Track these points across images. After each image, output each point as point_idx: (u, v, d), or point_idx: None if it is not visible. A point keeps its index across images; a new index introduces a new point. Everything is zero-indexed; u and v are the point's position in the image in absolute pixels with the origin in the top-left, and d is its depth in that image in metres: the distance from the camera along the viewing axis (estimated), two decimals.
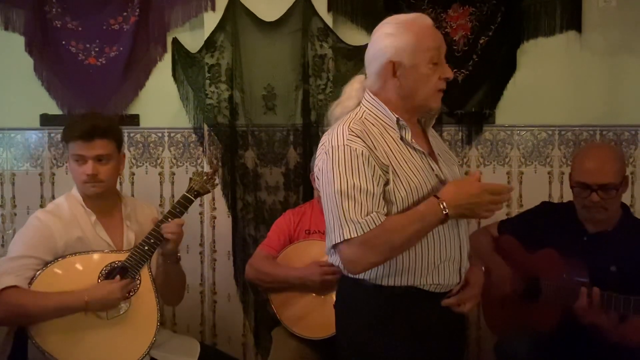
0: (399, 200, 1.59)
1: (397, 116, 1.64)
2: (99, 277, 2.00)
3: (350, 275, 1.68)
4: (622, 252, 2.15)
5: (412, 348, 1.65)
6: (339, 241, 1.57)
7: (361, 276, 1.66)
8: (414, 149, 1.65)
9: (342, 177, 1.56)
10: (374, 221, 1.54)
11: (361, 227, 1.54)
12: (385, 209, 1.58)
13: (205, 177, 2.21)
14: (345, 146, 1.58)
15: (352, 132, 1.60)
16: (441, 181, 1.65)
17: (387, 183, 1.59)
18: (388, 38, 1.65)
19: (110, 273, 2.01)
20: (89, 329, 1.95)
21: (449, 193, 1.57)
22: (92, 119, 2.08)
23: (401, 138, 1.64)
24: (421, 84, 1.64)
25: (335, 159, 1.58)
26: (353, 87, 1.75)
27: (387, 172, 1.59)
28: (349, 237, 1.55)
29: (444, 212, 1.55)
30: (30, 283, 1.96)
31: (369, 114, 1.67)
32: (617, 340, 2.01)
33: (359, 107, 1.70)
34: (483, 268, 1.83)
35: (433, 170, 1.65)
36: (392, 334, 1.65)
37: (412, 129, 1.69)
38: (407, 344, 1.65)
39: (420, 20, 1.67)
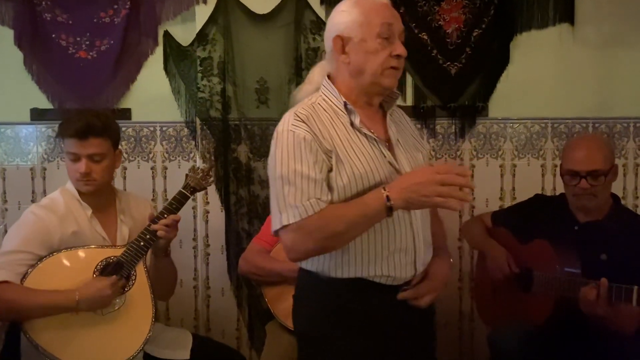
0: (340, 187, 1.55)
1: (344, 100, 1.61)
2: (94, 272, 1.99)
3: (304, 266, 1.67)
4: (612, 241, 2.19)
5: (365, 342, 1.61)
6: (278, 227, 1.55)
7: (312, 267, 1.64)
8: (365, 135, 1.60)
9: (283, 163, 1.55)
10: (312, 207, 1.51)
11: (298, 212, 1.51)
12: (328, 196, 1.54)
13: (201, 174, 2.20)
14: (289, 132, 1.56)
15: (297, 117, 1.57)
16: (396, 169, 1.60)
17: (331, 169, 1.56)
18: (339, 15, 1.65)
19: (105, 268, 2.00)
20: (84, 324, 1.94)
21: (396, 180, 1.52)
22: (88, 117, 2.06)
23: (351, 124, 1.60)
24: (369, 58, 1.60)
25: (279, 145, 1.57)
26: (315, 72, 1.74)
27: (331, 158, 1.55)
28: (286, 222, 1.53)
29: (385, 195, 1.47)
30: (23, 278, 1.95)
31: (323, 99, 1.64)
32: (614, 328, 2.03)
33: (317, 92, 1.68)
34: (476, 255, 1.81)
35: (385, 157, 1.60)
36: (344, 326, 1.62)
37: (370, 114, 1.66)
38: (359, 337, 1.61)
39: None
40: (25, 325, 1.92)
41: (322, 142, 1.55)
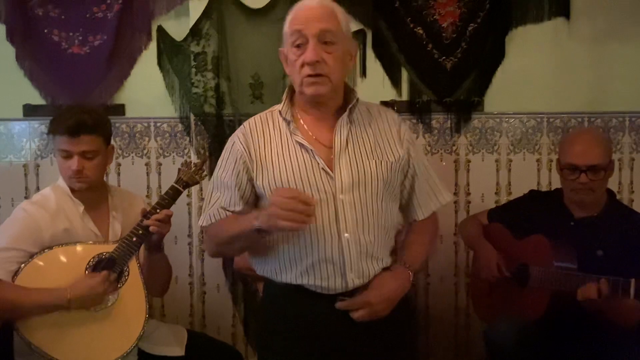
0: (264, 194, 1.60)
1: (280, 109, 1.65)
2: (86, 269, 1.98)
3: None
4: (608, 237, 2.19)
5: (299, 349, 1.63)
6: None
7: (260, 272, 1.70)
8: (299, 143, 1.60)
9: (217, 168, 1.70)
10: (215, 216, 1.65)
11: (207, 218, 1.68)
12: (238, 207, 1.64)
13: (193, 168, 2.18)
14: (231, 140, 1.70)
15: (244, 127, 1.68)
16: (331, 177, 1.58)
17: (252, 179, 1.63)
18: None
19: (97, 264, 1.99)
20: (77, 321, 1.93)
21: None
22: (79, 114, 2.03)
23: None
24: (291, 70, 1.61)
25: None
26: None
27: (254, 168, 1.62)
28: (200, 224, 1.73)
29: (254, 218, 1.51)
30: (15, 275, 1.93)
31: (281, 106, 1.68)
32: (616, 322, 2.04)
33: None
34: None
35: (319, 164, 1.58)
36: (284, 333, 1.64)
37: (319, 119, 1.63)
38: (295, 344, 1.63)
39: (302, 1, 1.62)
40: (17, 323, 1.91)
41: (251, 153, 1.63)
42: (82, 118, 2.02)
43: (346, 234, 1.57)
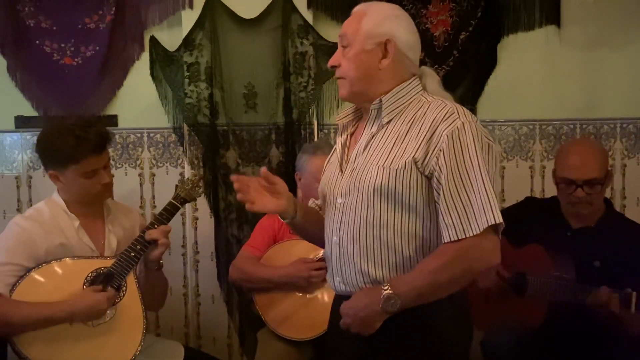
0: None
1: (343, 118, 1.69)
2: (84, 283, 1.96)
3: None
4: (605, 247, 2.18)
5: (330, 346, 1.71)
6: None
7: None
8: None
9: None
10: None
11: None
12: (320, 200, 1.73)
13: (190, 185, 2.18)
14: None
15: None
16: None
17: None
18: None
19: (95, 279, 1.97)
20: (74, 336, 1.91)
21: None
22: (95, 127, 2.01)
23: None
24: None
25: None
26: None
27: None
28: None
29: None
30: (12, 290, 1.91)
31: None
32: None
33: None
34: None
35: (340, 167, 1.62)
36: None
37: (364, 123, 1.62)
38: (329, 341, 1.73)
39: None
40: (13, 337, 1.88)
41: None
42: (100, 131, 2.01)
43: (335, 237, 1.59)
